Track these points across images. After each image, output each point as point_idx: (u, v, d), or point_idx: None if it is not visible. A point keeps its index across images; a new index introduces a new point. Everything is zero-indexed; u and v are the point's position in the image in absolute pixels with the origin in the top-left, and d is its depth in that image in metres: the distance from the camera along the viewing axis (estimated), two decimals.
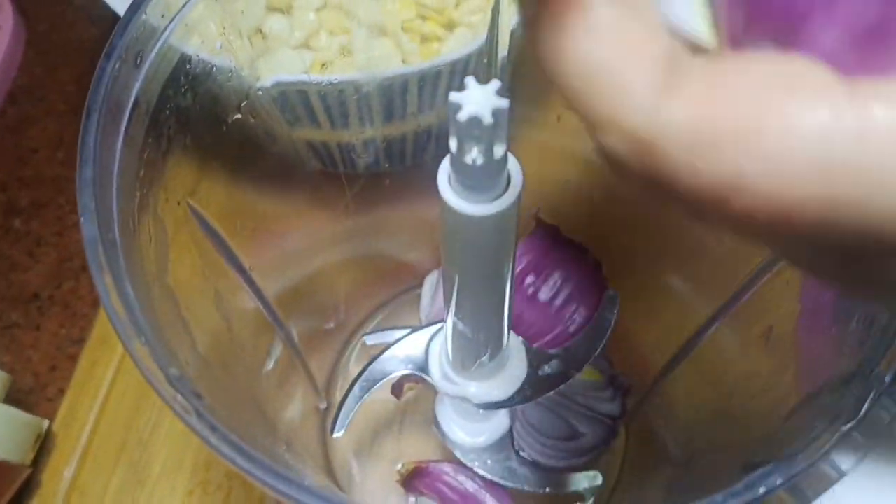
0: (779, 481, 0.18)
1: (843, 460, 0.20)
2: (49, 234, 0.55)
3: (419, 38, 0.45)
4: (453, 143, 0.20)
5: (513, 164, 0.22)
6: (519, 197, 0.22)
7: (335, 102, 0.40)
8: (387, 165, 0.43)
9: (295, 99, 0.39)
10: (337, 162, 0.42)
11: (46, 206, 0.56)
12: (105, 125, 0.23)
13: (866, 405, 0.20)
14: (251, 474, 0.19)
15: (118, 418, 0.48)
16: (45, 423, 0.45)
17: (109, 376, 0.49)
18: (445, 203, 0.22)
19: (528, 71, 0.36)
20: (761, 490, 0.18)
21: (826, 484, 0.20)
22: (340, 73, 0.46)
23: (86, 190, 0.22)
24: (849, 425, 0.20)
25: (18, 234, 0.55)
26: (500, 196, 0.22)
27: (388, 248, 0.44)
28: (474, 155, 0.20)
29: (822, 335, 0.24)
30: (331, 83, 0.37)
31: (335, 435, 0.35)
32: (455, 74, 0.40)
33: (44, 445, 0.46)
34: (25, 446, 0.43)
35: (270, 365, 0.35)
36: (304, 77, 0.37)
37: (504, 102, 0.19)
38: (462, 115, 0.19)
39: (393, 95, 0.40)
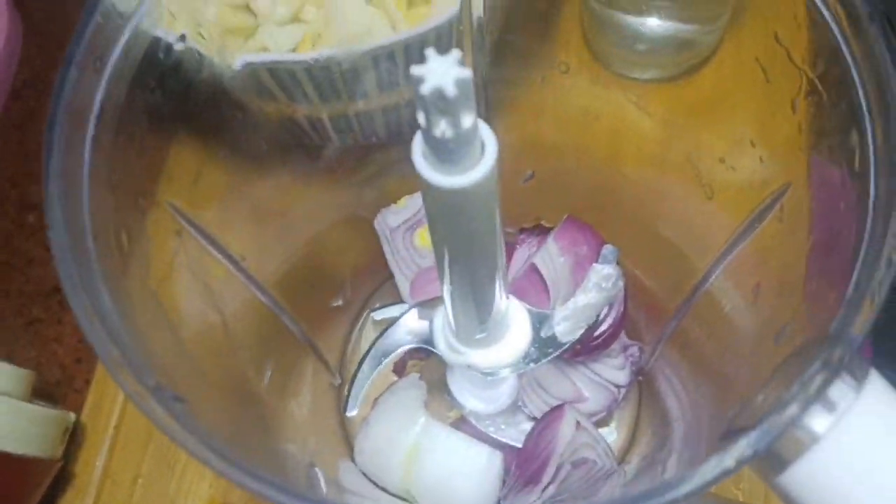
0: (749, 452, 0.18)
1: (817, 423, 0.19)
2: None
3: (405, 4, 0.44)
4: (421, 117, 0.20)
5: (485, 132, 0.22)
6: (494, 165, 0.22)
7: (323, 77, 0.39)
8: (382, 136, 0.43)
9: (283, 76, 0.38)
10: (330, 136, 0.42)
11: None
12: (70, 135, 0.23)
13: (837, 368, 0.19)
14: (227, 476, 0.19)
15: None
16: (72, 415, 0.46)
17: None
18: (422, 177, 0.22)
19: (512, 31, 0.35)
20: (731, 463, 0.18)
21: (801, 448, 0.20)
22: (332, 44, 0.45)
23: (54, 204, 0.22)
24: (816, 388, 0.19)
25: (33, 228, 0.56)
26: (474, 166, 0.22)
27: None
28: (442, 127, 0.20)
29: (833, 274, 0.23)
30: (297, 61, 0.36)
31: (349, 414, 0.36)
32: (441, 39, 0.39)
33: (73, 436, 0.47)
34: (54, 441, 0.44)
35: (272, 353, 0.35)
36: (276, 56, 0.36)
37: (466, 72, 0.18)
38: (425, 89, 0.19)
39: (379, 66, 0.39)
